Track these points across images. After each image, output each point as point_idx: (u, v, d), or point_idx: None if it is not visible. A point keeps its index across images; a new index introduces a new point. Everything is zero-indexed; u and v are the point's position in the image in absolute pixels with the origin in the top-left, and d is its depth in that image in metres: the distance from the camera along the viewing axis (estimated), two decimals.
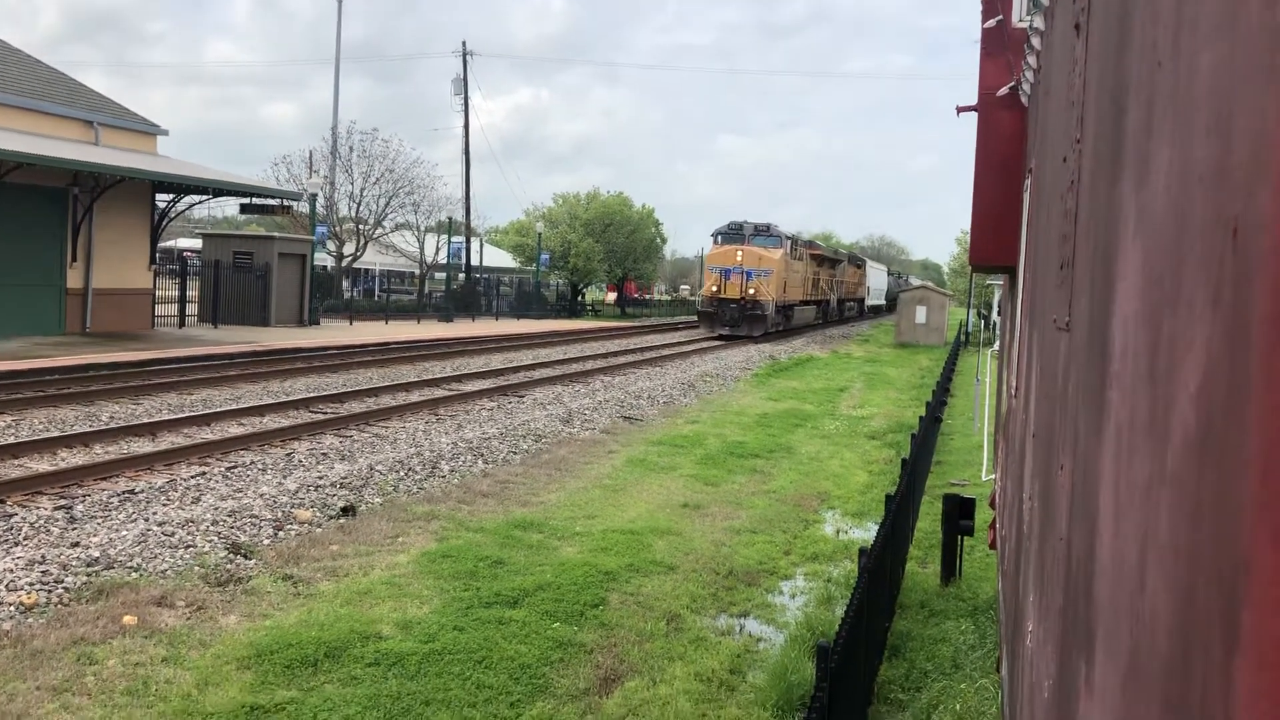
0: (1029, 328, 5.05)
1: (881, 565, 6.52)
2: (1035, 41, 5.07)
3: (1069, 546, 2.32)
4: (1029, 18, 5.42)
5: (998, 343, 15.91)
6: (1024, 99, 6.55)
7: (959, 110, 8.30)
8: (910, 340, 46.54)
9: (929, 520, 11.44)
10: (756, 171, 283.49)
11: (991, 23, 7.25)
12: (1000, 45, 7.23)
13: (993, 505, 9.78)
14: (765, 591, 9.11)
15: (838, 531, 11.47)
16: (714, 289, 41.55)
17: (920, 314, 47.63)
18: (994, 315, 39.23)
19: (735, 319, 40.92)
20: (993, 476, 11.73)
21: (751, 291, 40.58)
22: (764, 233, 42.24)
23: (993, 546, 9.14)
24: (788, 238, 43.59)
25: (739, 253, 40.97)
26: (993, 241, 7.67)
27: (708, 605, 8.56)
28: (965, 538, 9.60)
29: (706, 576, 9.24)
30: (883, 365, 35.01)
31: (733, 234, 42.32)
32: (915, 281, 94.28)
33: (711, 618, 8.31)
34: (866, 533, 11.08)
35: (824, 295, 54.69)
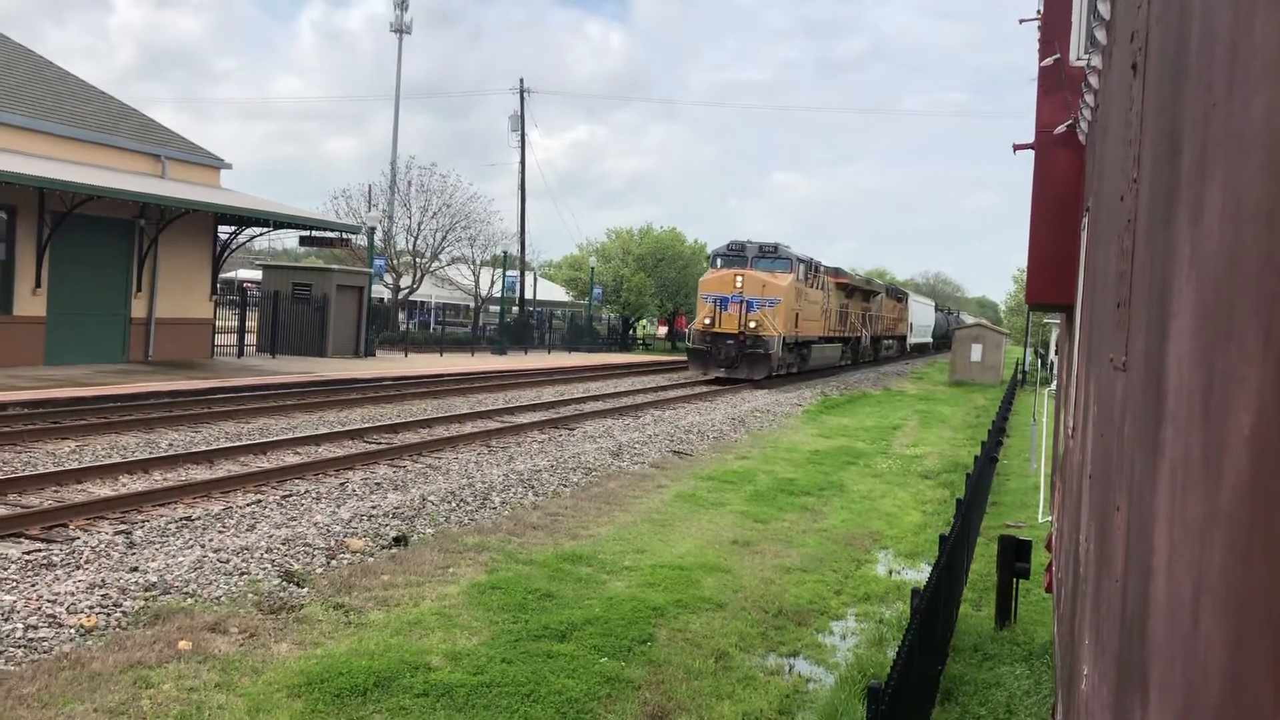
0: (1086, 367, 4.99)
1: (934, 607, 6.44)
2: (1093, 80, 5.04)
3: (1124, 589, 2.29)
4: (1086, 56, 5.40)
5: (1055, 382, 15.69)
6: (1081, 137, 6.51)
7: (1016, 148, 8.26)
8: (965, 378, 46.03)
9: (984, 562, 11.27)
10: (809, 208, 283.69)
11: (1049, 61, 7.22)
12: (1057, 83, 7.20)
13: (1049, 547, 9.62)
14: (815, 631, 9.02)
15: (890, 572, 11.34)
16: (707, 321, 34.53)
17: (976, 352, 47.10)
18: (1051, 354, 38.73)
19: (732, 358, 34.07)
20: (1049, 518, 11.54)
21: (753, 325, 33.73)
22: (771, 254, 35.71)
23: (1049, 590, 8.98)
24: (800, 260, 36.70)
25: (739, 278, 34.28)
26: (1050, 280, 7.60)
27: (757, 644, 8.49)
28: (1021, 580, 9.44)
29: (756, 615, 9.17)
30: (937, 403, 34.65)
31: (733, 255, 36.00)
32: (969, 319, 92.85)
33: (760, 656, 8.24)
34: (919, 573, 10.93)
35: (853, 331, 47.64)
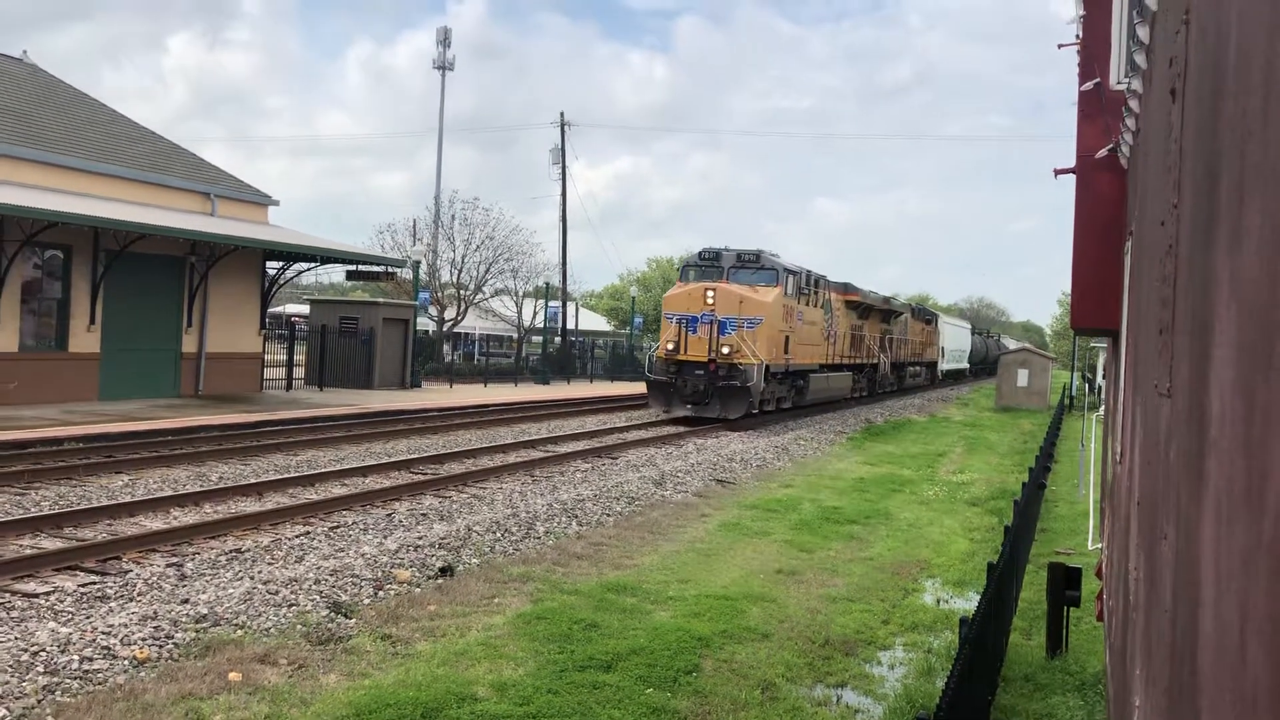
0: (1132, 392, 4.94)
1: (984, 636, 6.36)
2: (1133, 104, 5.02)
3: (1174, 619, 2.27)
4: (1126, 80, 5.37)
5: (1102, 407, 15.48)
6: (1123, 161, 6.47)
7: (1057, 173, 8.22)
8: (1012, 404, 45.53)
9: (1033, 590, 11.11)
10: (851, 234, 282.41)
11: (1088, 85, 7.19)
12: (1098, 108, 7.16)
13: (1099, 575, 9.48)
14: (863, 661, 8.93)
15: (938, 600, 11.21)
16: (670, 346, 27.90)
17: (1022, 377, 46.60)
18: (1099, 378, 38.19)
19: (700, 392, 27.54)
20: (1099, 545, 11.37)
21: (725, 350, 27.18)
22: (751, 264, 29.00)
23: (1100, 618, 8.84)
24: (790, 272, 29.88)
25: (709, 292, 27.65)
26: (1094, 305, 7.53)
27: (803, 674, 8.43)
28: (1072, 608, 9.30)
29: (802, 644, 9.11)
30: (983, 429, 34.28)
31: (705, 266, 29.46)
32: (1011, 343, 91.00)
33: (807, 687, 8.17)
34: (968, 602, 10.80)
35: (869, 357, 41.08)
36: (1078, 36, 7.95)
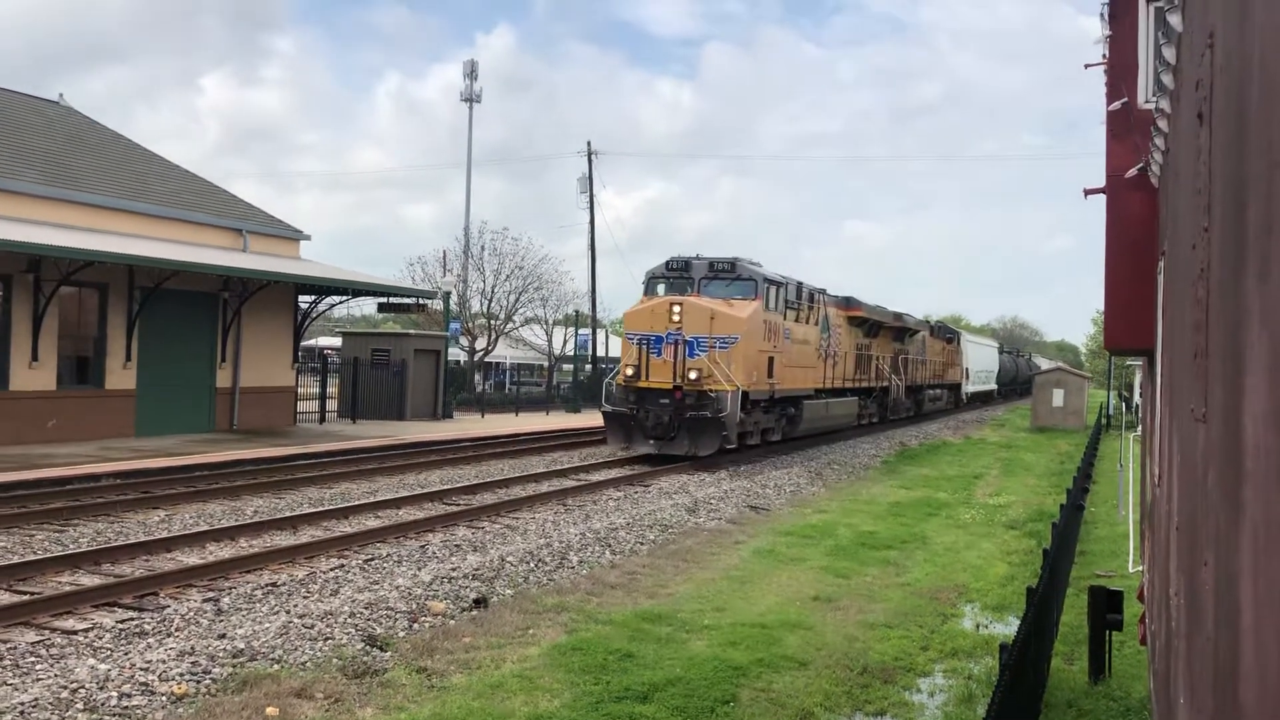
0: (1169, 415, 4.89)
1: (1024, 661, 6.28)
2: (1162, 124, 4.99)
3: (1215, 648, 2.24)
4: (1154, 99, 5.35)
5: (1140, 427, 15.31)
6: (1153, 180, 6.43)
7: (1086, 193, 8.17)
8: (1048, 424, 45.10)
9: (1074, 614, 10.96)
10: (883, 256, 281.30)
11: (1116, 105, 7.16)
12: (1126, 127, 7.12)
13: (1141, 598, 9.34)
14: (902, 689, 8.84)
15: (977, 626, 11.08)
16: (629, 372, 24.02)
17: (1057, 397, 46.17)
18: (1136, 397, 37.74)
19: (665, 425, 23.45)
20: (1140, 568, 11.22)
21: (694, 375, 23.30)
22: (725, 274, 25.00)
23: (1143, 642, 8.71)
24: (773, 283, 25.71)
25: (676, 307, 23.78)
26: (1128, 325, 7.47)
27: (842, 703, 8.34)
28: (1114, 632, 9.16)
29: (840, 673, 9.02)
30: (1019, 450, 33.95)
31: (674, 278, 25.33)
32: (1044, 363, 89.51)
33: (847, 716, 8.09)
34: (1008, 627, 10.67)
35: (879, 379, 37.17)
36: (1104, 56, 7.93)
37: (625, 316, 26.13)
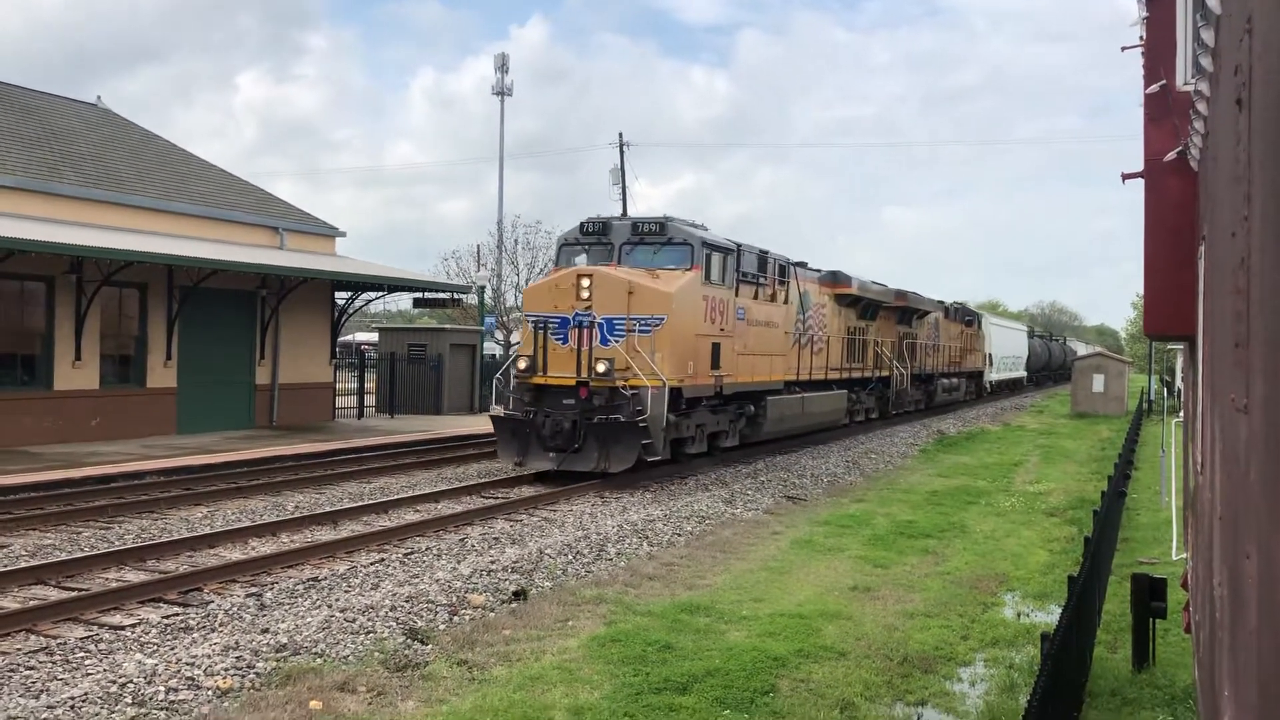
0: (1210, 402, 4.83)
1: (1066, 650, 6.23)
2: (1201, 107, 4.92)
3: (1259, 641, 2.21)
4: (1193, 81, 5.27)
5: (1182, 412, 15.11)
6: (1193, 163, 6.34)
7: (1124, 177, 8.06)
8: (1088, 410, 44.64)
9: (1117, 601, 10.86)
10: (922, 242, 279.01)
11: (1154, 88, 7.05)
12: (1165, 110, 7.02)
13: (1185, 586, 9.24)
14: (943, 678, 8.80)
15: (1019, 614, 11.00)
16: (522, 365, 18.70)
17: (1098, 382, 45.66)
18: (1177, 381, 37.26)
19: (567, 433, 18.02)
20: (1184, 555, 11.10)
21: (602, 368, 17.82)
22: (653, 237, 19.47)
23: (1187, 630, 8.61)
24: (715, 248, 20.02)
25: (584, 280, 18.43)
26: (1168, 310, 7.37)
27: (882, 693, 8.32)
28: (1158, 620, 9.06)
29: (879, 662, 9.00)
30: (1059, 437, 33.64)
31: (588, 244, 20.03)
32: (1081, 347, 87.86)
33: (887, 706, 8.07)
34: (1049, 615, 10.59)
35: (878, 368, 32.44)
36: (1141, 38, 7.82)
37: (524, 294, 21.80)
